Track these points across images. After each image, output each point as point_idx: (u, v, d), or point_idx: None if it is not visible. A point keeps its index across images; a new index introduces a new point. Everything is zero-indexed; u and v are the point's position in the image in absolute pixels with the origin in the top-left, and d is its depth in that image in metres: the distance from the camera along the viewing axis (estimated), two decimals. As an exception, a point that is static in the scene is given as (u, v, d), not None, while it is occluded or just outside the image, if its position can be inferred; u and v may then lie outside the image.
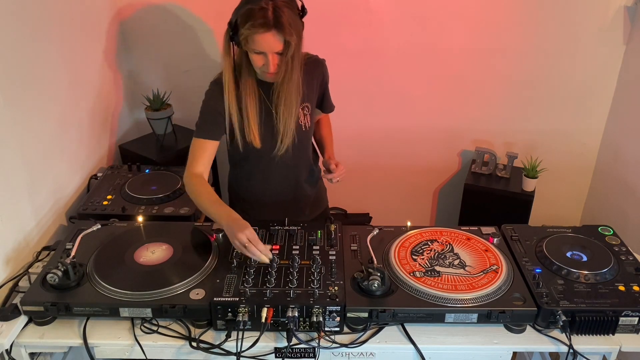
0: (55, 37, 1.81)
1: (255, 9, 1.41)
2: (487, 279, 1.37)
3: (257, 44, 1.44)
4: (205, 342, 1.30)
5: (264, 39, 1.43)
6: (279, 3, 1.42)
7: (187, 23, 2.40)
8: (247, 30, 1.42)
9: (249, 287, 1.32)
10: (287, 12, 1.42)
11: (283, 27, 1.41)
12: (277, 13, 1.40)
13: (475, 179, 2.52)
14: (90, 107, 2.10)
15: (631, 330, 1.33)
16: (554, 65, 2.42)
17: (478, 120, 2.59)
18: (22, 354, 1.34)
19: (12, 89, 1.56)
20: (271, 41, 1.43)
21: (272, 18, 1.40)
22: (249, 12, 1.42)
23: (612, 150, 2.50)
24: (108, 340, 1.32)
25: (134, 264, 1.43)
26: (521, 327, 1.34)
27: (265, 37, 1.42)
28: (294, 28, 1.43)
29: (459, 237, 1.56)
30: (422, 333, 1.33)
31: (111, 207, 1.78)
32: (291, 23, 1.42)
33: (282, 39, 1.43)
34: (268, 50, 1.45)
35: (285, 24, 1.41)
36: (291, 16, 1.43)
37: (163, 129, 2.37)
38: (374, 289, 1.32)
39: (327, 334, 1.31)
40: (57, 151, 1.83)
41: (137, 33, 2.40)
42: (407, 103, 2.57)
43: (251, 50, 1.47)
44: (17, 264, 1.56)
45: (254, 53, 1.48)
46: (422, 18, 2.36)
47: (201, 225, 1.62)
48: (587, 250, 1.49)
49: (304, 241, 1.52)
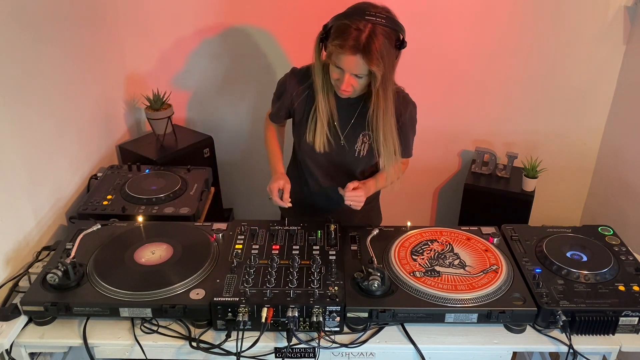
0: (55, 37, 1.81)
1: (351, 27, 1.38)
2: (487, 279, 1.37)
3: (339, 61, 1.43)
4: (205, 342, 1.30)
5: (348, 59, 1.41)
6: (378, 29, 1.38)
7: (187, 23, 2.41)
8: (334, 47, 1.41)
9: (249, 287, 1.32)
10: (382, 40, 1.38)
11: (371, 56, 1.38)
12: (371, 39, 1.37)
13: (475, 179, 2.52)
14: (90, 107, 2.10)
15: (631, 330, 1.33)
16: (554, 65, 2.42)
17: (478, 120, 2.59)
18: (22, 354, 1.34)
19: (12, 89, 1.56)
20: (354, 64, 1.41)
21: (363, 42, 1.37)
22: (343, 27, 1.40)
23: (612, 150, 2.50)
24: (108, 340, 1.32)
25: (134, 264, 1.43)
26: (521, 327, 1.34)
27: (349, 59, 1.41)
28: (384, 59, 1.40)
29: (459, 237, 1.56)
30: (422, 333, 1.33)
31: (111, 207, 1.78)
32: (382, 53, 1.39)
33: (366, 66, 1.40)
34: (347, 69, 1.44)
35: (374, 53, 1.37)
36: (385, 46, 1.39)
37: (163, 129, 2.37)
38: (374, 289, 1.32)
39: (327, 334, 1.31)
40: (57, 151, 1.83)
41: (137, 33, 2.40)
42: (407, 103, 2.57)
43: (332, 62, 1.46)
44: (17, 264, 1.56)
45: (334, 65, 1.47)
46: (422, 18, 2.36)
47: (201, 225, 1.62)
48: (587, 250, 1.49)
49: (304, 241, 1.52)
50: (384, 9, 1.44)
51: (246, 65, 2.51)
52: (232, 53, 2.47)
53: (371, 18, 1.39)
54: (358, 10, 1.42)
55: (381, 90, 1.47)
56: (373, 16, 1.39)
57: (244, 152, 2.74)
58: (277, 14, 2.38)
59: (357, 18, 1.39)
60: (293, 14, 2.38)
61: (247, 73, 2.53)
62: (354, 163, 1.72)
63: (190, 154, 2.32)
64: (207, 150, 2.40)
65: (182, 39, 2.44)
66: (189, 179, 1.96)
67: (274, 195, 1.59)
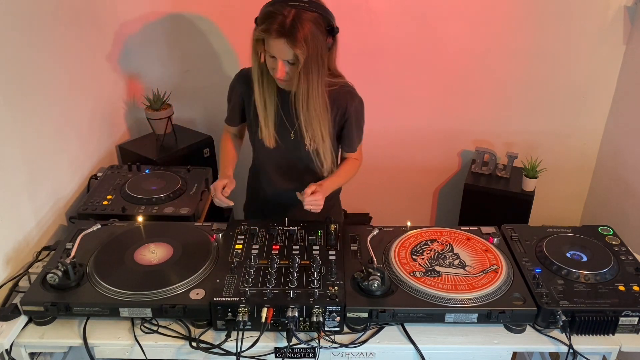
0: (55, 37, 1.81)
1: (275, 13, 1.41)
2: (487, 279, 1.37)
3: (269, 47, 1.45)
4: (205, 342, 1.30)
5: (274, 44, 1.42)
6: (303, 15, 1.40)
7: (187, 23, 2.41)
8: (261, 32, 1.43)
9: (249, 287, 1.32)
10: (308, 26, 1.40)
11: (296, 39, 1.39)
12: (295, 24, 1.39)
13: (475, 179, 2.52)
14: (90, 107, 2.10)
15: (631, 330, 1.33)
16: (554, 65, 2.42)
17: (478, 120, 2.59)
18: (22, 354, 1.34)
19: (13, 89, 1.56)
20: (281, 48, 1.42)
21: (288, 27, 1.39)
22: (268, 14, 1.42)
23: (612, 150, 2.50)
24: (108, 340, 1.32)
25: (134, 264, 1.43)
26: (521, 327, 1.34)
27: (275, 43, 1.42)
28: (308, 43, 1.41)
29: (459, 237, 1.56)
30: (422, 333, 1.33)
31: (111, 207, 1.78)
32: (308, 37, 1.40)
33: (291, 50, 1.42)
34: (277, 55, 1.45)
35: (299, 37, 1.39)
36: (311, 31, 1.41)
37: (163, 129, 2.37)
38: (374, 289, 1.32)
39: (327, 334, 1.31)
40: (57, 151, 1.83)
41: (137, 33, 2.40)
42: (407, 103, 2.57)
43: (265, 51, 1.48)
44: (17, 264, 1.56)
45: (269, 55, 1.48)
46: (422, 18, 2.36)
47: (201, 225, 1.62)
48: (587, 250, 1.49)
49: (304, 241, 1.52)
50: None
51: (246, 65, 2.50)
52: (232, 53, 2.47)
53: (294, 3, 1.41)
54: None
55: (303, 73, 1.45)
56: (296, 1, 1.42)
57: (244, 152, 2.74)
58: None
59: (282, 4, 1.41)
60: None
61: (247, 73, 2.53)
62: (307, 158, 1.70)
63: (190, 154, 2.32)
64: (207, 150, 2.40)
65: (182, 39, 2.44)
66: (189, 179, 1.96)
67: (217, 193, 1.60)
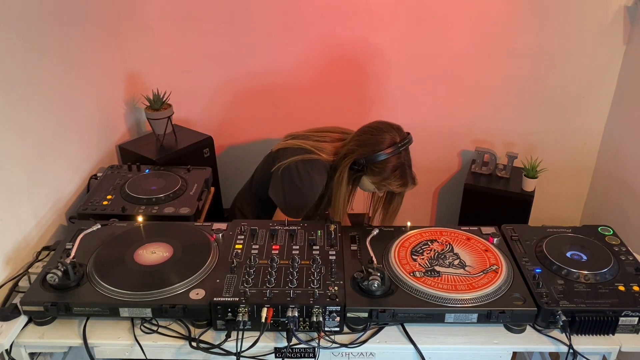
0: (55, 38, 1.81)
1: (407, 172, 1.68)
2: (487, 279, 1.37)
3: (382, 186, 1.71)
4: (205, 342, 1.30)
5: (399, 190, 1.73)
6: (409, 161, 1.69)
7: (187, 23, 2.41)
8: (395, 187, 1.69)
9: (249, 287, 1.32)
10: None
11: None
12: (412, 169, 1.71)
13: (475, 179, 2.52)
14: (90, 107, 2.09)
15: (631, 330, 1.33)
16: (554, 65, 2.42)
17: (478, 120, 2.59)
18: (22, 354, 1.34)
19: (13, 89, 1.56)
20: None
21: (414, 177, 1.72)
22: (402, 174, 1.67)
23: (612, 150, 2.50)
24: (108, 340, 1.32)
25: (134, 264, 1.43)
26: (521, 327, 1.34)
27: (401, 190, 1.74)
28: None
29: (459, 237, 1.56)
30: (422, 333, 1.33)
31: (111, 207, 1.78)
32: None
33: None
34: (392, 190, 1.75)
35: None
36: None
37: (163, 129, 2.37)
38: (374, 289, 1.32)
39: (327, 334, 1.31)
40: (57, 151, 1.83)
41: (137, 33, 2.40)
42: (407, 103, 2.57)
43: (377, 186, 1.73)
44: (17, 264, 1.56)
45: (370, 183, 1.73)
46: (422, 18, 2.36)
47: (201, 225, 1.62)
48: (587, 250, 1.49)
49: (304, 241, 1.52)
50: (399, 128, 1.69)
51: (246, 65, 2.51)
52: (232, 53, 2.47)
53: (406, 141, 1.67)
54: (393, 141, 1.64)
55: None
56: (404, 145, 1.66)
57: (244, 152, 2.74)
58: (277, 14, 2.38)
59: (398, 152, 1.64)
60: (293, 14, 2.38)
61: (247, 73, 2.53)
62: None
63: (190, 154, 2.32)
64: (207, 150, 2.40)
65: (182, 39, 2.44)
66: (189, 179, 1.96)
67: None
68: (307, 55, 2.49)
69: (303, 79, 2.54)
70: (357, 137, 1.71)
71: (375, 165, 1.65)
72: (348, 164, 1.68)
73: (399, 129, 1.69)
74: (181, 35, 2.43)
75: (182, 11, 2.38)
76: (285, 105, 2.62)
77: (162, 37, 2.43)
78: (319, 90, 2.56)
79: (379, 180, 1.68)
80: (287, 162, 1.73)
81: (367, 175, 1.69)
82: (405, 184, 1.69)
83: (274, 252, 1.47)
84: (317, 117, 2.62)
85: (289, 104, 2.61)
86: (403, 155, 1.66)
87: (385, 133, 1.66)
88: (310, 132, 1.86)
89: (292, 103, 2.61)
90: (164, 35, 2.42)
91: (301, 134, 1.87)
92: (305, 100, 2.60)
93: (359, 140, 1.69)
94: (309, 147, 1.75)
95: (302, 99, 2.60)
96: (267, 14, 2.39)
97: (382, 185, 1.69)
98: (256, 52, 2.47)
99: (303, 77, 2.54)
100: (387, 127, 1.68)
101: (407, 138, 1.68)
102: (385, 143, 1.64)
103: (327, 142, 1.79)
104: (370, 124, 1.73)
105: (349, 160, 1.68)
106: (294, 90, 2.57)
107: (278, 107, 2.62)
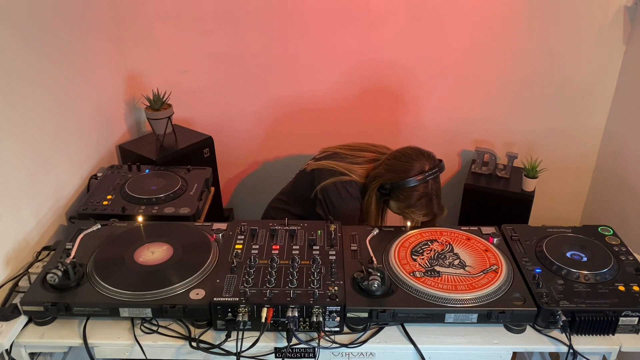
0: (55, 37, 1.81)
1: (433, 202, 1.68)
2: (487, 279, 1.37)
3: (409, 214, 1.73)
4: (205, 342, 1.30)
5: (424, 218, 1.75)
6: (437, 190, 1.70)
7: (187, 23, 2.41)
8: (421, 216, 1.71)
9: (249, 287, 1.32)
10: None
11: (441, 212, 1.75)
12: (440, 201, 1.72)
13: (475, 179, 2.52)
14: (90, 107, 2.10)
15: (631, 330, 1.33)
16: (554, 65, 2.42)
17: (478, 120, 2.59)
18: (22, 354, 1.34)
19: (13, 88, 1.56)
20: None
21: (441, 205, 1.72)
22: (428, 203, 1.68)
23: (612, 150, 2.50)
24: (108, 340, 1.32)
25: (134, 264, 1.43)
26: (521, 327, 1.34)
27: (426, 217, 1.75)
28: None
29: (459, 237, 1.56)
30: (422, 333, 1.33)
31: (111, 207, 1.78)
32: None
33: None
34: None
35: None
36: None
37: (163, 129, 2.37)
38: (374, 289, 1.32)
39: (327, 334, 1.31)
40: (57, 151, 1.83)
41: (137, 33, 2.40)
42: (408, 103, 2.57)
43: (402, 213, 1.76)
44: (17, 264, 1.56)
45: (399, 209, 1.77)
46: (422, 18, 2.36)
47: (201, 225, 1.62)
48: (587, 250, 1.49)
49: (304, 241, 1.52)
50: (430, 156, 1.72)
51: (246, 65, 2.51)
52: (232, 53, 2.47)
53: (436, 170, 1.68)
54: (421, 170, 1.66)
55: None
56: (432, 174, 1.66)
57: (244, 152, 2.75)
58: (277, 14, 2.38)
59: (425, 180, 1.65)
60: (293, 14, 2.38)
61: (247, 73, 2.53)
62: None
63: (190, 154, 2.32)
64: (207, 150, 2.40)
65: (182, 39, 2.44)
66: (189, 179, 1.96)
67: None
68: (307, 54, 2.49)
69: (303, 79, 2.55)
70: (387, 161, 1.73)
71: (401, 192, 1.67)
72: (375, 187, 1.71)
73: (430, 156, 1.69)
74: (181, 35, 2.43)
75: (182, 11, 2.38)
76: (286, 105, 2.62)
77: (162, 37, 2.43)
78: (319, 88, 2.56)
79: (403, 207, 1.70)
80: (325, 184, 1.78)
81: (392, 200, 1.71)
82: (429, 214, 1.69)
83: (274, 252, 1.47)
84: (317, 116, 2.63)
85: (289, 104, 2.61)
86: (431, 184, 1.66)
87: (415, 161, 1.67)
88: (345, 151, 1.88)
89: (292, 103, 2.61)
90: (164, 35, 2.42)
91: (337, 152, 1.89)
92: (306, 101, 2.60)
93: (388, 165, 1.71)
94: (341, 170, 1.78)
95: (302, 99, 2.60)
96: (267, 14, 2.39)
97: (407, 212, 1.71)
98: (256, 52, 2.47)
99: (303, 76, 2.54)
100: (417, 155, 1.69)
101: (438, 166, 1.68)
102: (412, 171, 1.65)
103: (359, 164, 1.81)
104: (401, 149, 1.74)
105: (376, 183, 1.71)
106: (294, 90, 2.58)
107: (278, 107, 2.63)
